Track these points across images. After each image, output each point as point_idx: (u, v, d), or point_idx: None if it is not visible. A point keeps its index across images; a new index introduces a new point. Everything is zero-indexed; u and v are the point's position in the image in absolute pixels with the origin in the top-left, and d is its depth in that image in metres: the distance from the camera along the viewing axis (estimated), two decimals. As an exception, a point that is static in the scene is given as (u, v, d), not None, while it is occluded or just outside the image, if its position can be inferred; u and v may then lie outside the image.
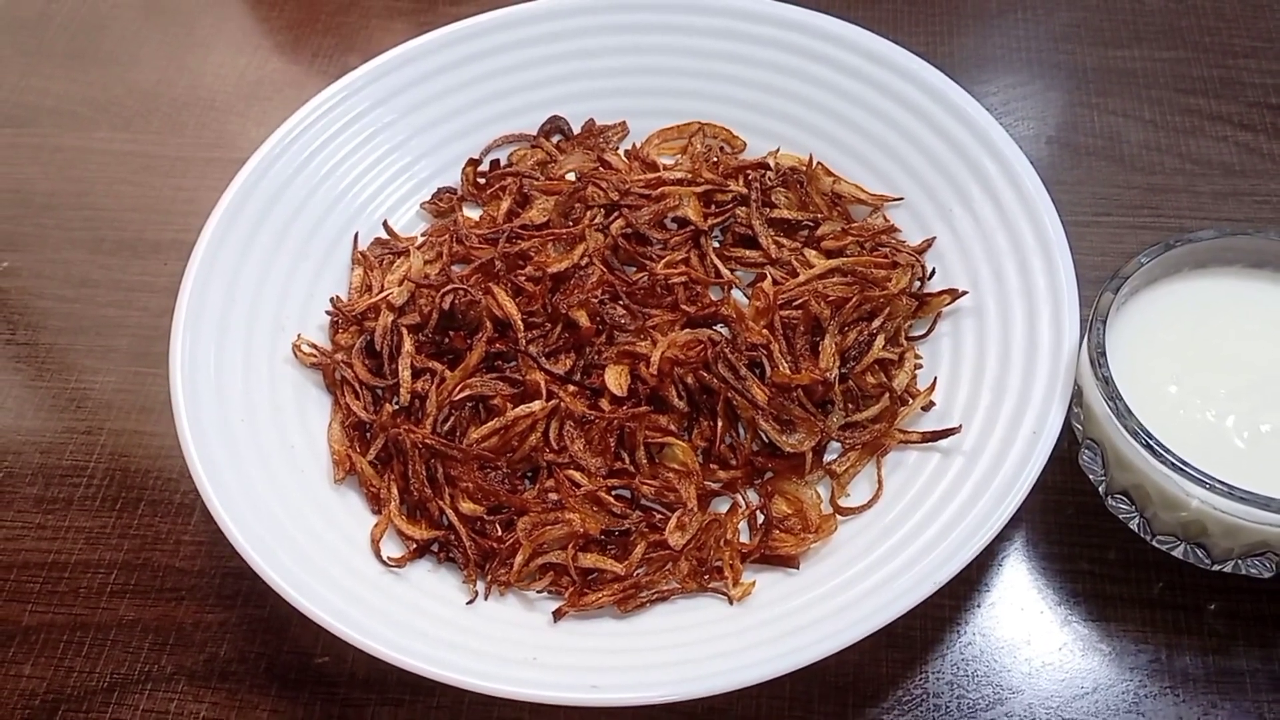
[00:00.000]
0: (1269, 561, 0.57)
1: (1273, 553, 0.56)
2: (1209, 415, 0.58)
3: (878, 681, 0.59)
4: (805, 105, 0.77)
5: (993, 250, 0.69)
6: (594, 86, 0.80)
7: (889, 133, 0.75)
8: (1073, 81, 0.83)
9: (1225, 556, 0.58)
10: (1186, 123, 0.80)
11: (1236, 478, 0.55)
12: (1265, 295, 0.62)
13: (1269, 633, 0.59)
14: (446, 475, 0.63)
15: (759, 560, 0.61)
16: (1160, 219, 0.75)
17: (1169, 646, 0.59)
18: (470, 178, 0.77)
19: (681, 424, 0.65)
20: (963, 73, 0.83)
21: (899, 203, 0.73)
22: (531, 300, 0.68)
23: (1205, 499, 0.54)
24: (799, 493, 0.63)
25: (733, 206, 0.73)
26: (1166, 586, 0.61)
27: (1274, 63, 0.83)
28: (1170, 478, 0.55)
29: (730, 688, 0.53)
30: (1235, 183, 0.76)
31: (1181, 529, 0.58)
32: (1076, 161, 0.79)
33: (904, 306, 0.68)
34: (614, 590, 0.59)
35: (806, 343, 0.67)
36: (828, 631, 0.55)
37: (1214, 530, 0.56)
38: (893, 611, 0.55)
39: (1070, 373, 0.61)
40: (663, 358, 0.65)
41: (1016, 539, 0.63)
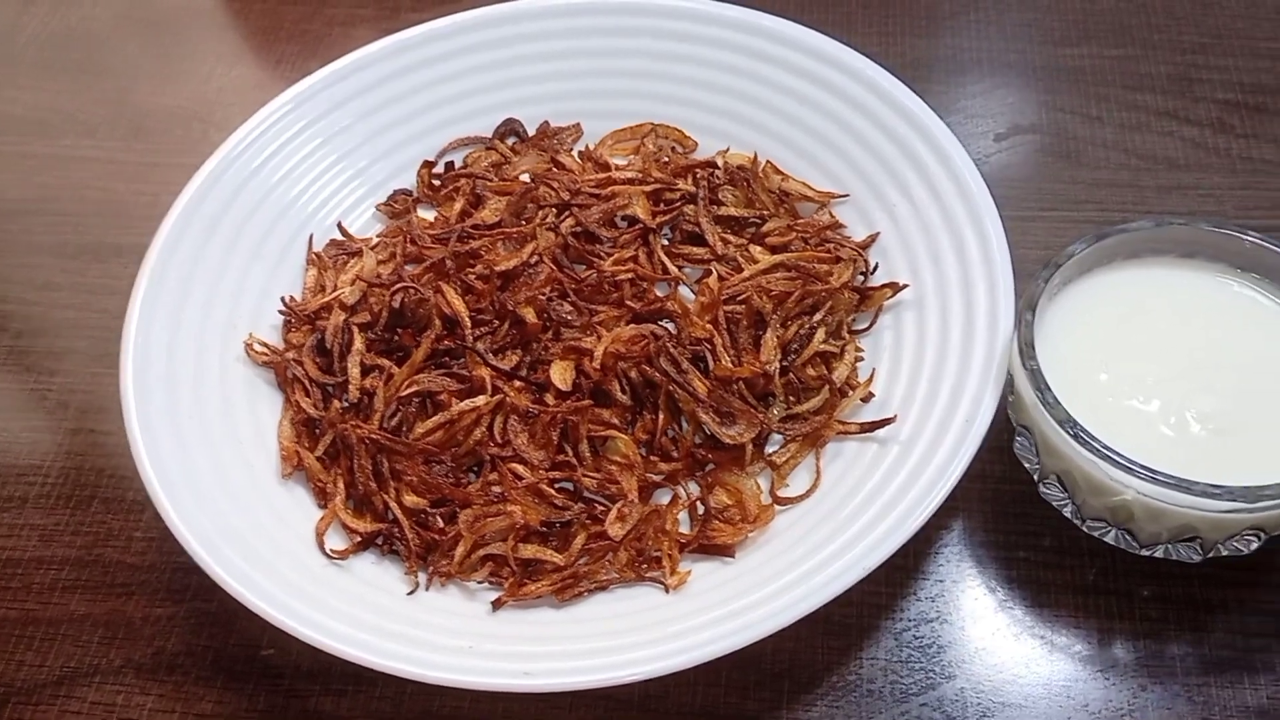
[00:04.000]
0: (1197, 546, 0.58)
1: (1199, 537, 0.57)
2: (1138, 402, 0.59)
3: (813, 668, 0.59)
4: (755, 105, 0.78)
5: (934, 244, 0.70)
6: (549, 90, 0.81)
7: (836, 131, 0.76)
8: (1022, 80, 0.84)
9: (1153, 541, 0.58)
10: (1133, 119, 0.81)
11: (1162, 463, 0.55)
12: (1196, 284, 0.63)
13: (1200, 617, 0.60)
14: (392, 469, 0.64)
15: (697, 550, 0.62)
16: (1104, 213, 0.76)
17: (1101, 631, 0.60)
18: (425, 180, 0.79)
19: (625, 417, 0.66)
20: (915, 72, 0.84)
21: (845, 199, 0.74)
22: (480, 298, 0.69)
23: (1128, 484, 0.55)
24: (739, 484, 0.64)
25: (681, 205, 0.74)
26: (1100, 572, 0.61)
27: (1222, 58, 0.84)
28: (1095, 464, 0.55)
29: (659, 673, 0.54)
30: (1179, 177, 0.77)
31: (1110, 514, 0.58)
32: (1024, 158, 0.80)
33: (846, 300, 0.69)
34: (553, 580, 0.60)
35: (750, 337, 0.68)
36: (757, 618, 0.56)
37: (1140, 515, 0.57)
38: (821, 597, 0.56)
39: (1004, 362, 0.62)
40: (606, 352, 0.66)
41: (955, 527, 0.64)
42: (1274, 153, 0.78)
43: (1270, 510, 0.54)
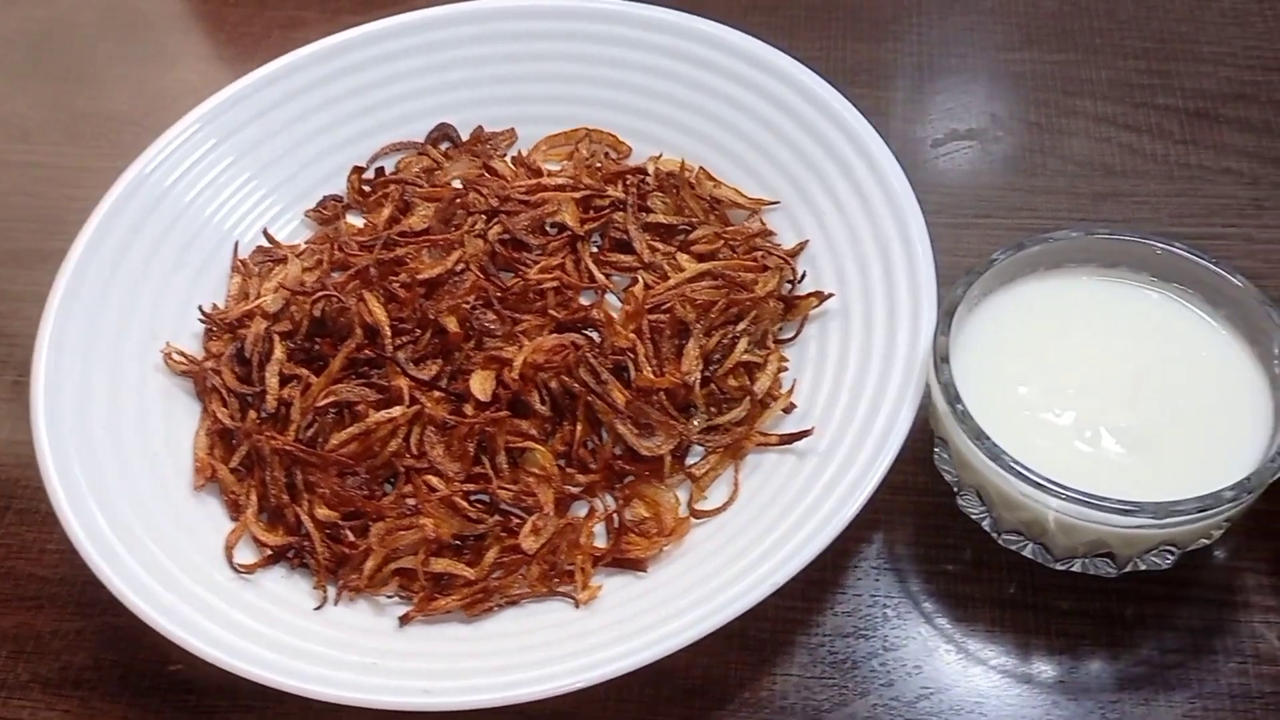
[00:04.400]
0: (1111, 561, 0.57)
1: (1113, 553, 0.56)
2: (1054, 416, 0.58)
3: (726, 684, 0.59)
4: (689, 110, 0.77)
5: (860, 253, 0.69)
6: (483, 94, 0.81)
7: (768, 137, 0.75)
8: (962, 85, 0.83)
9: (1068, 555, 0.58)
10: (1071, 124, 0.80)
11: (1076, 478, 0.55)
12: (1118, 295, 0.62)
13: (1117, 632, 0.59)
14: (306, 482, 0.63)
15: (611, 564, 0.61)
16: (1038, 220, 0.75)
17: (1018, 646, 0.59)
18: (355, 185, 0.78)
19: (544, 429, 0.65)
20: (855, 77, 0.84)
21: (776, 206, 0.74)
22: (403, 307, 0.68)
23: (1039, 499, 0.54)
24: (658, 496, 0.64)
25: (610, 211, 0.73)
26: (1020, 586, 0.61)
27: (1163, 63, 0.83)
28: (1006, 479, 0.55)
29: (561, 690, 0.53)
30: (1116, 184, 0.77)
31: (1025, 528, 0.58)
32: (961, 164, 0.79)
33: (771, 310, 0.68)
34: (463, 595, 0.59)
35: (673, 347, 0.67)
36: (665, 634, 0.55)
37: (1053, 530, 0.56)
38: (729, 614, 0.55)
39: (924, 373, 0.61)
40: (526, 362, 0.65)
41: (875, 540, 0.63)
42: (1212, 159, 0.77)
43: (1180, 527, 0.54)
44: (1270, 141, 0.77)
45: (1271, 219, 0.74)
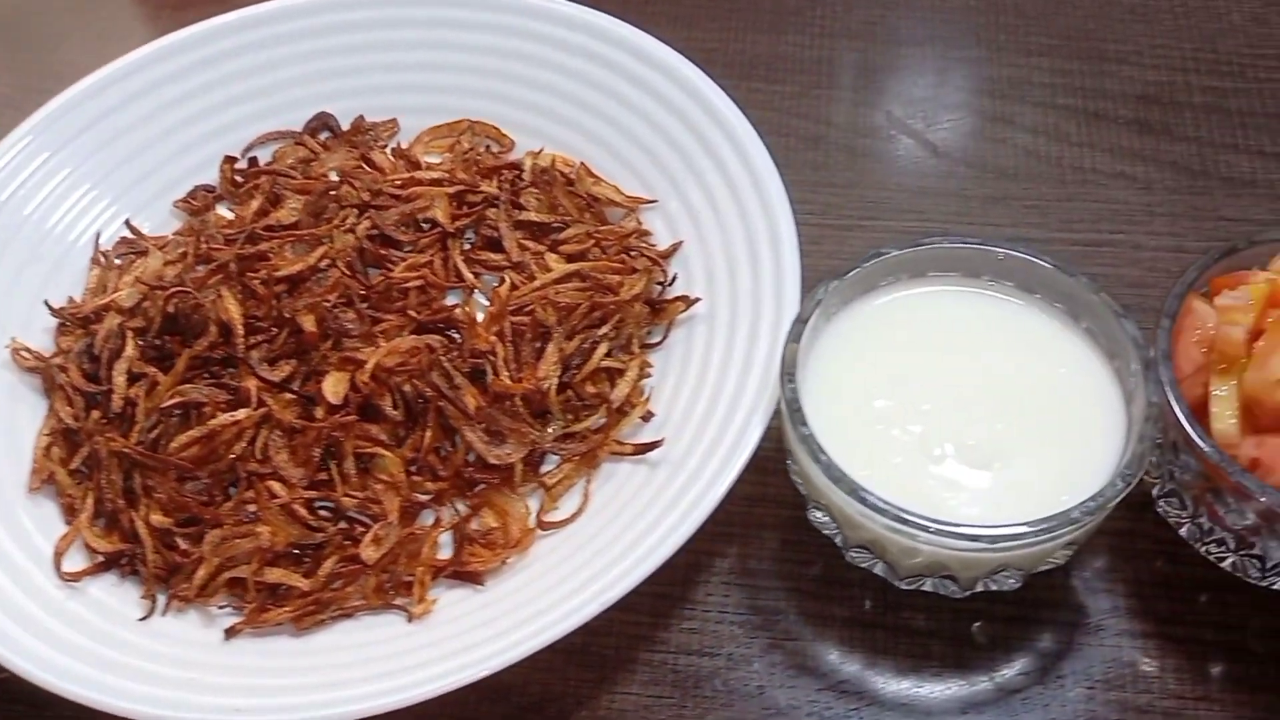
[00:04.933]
0: (954, 583, 0.55)
1: (953, 575, 0.55)
2: (908, 430, 0.56)
3: (564, 701, 0.57)
4: (572, 104, 0.75)
5: (732, 255, 0.67)
6: (366, 83, 0.78)
7: (649, 133, 0.73)
8: (861, 81, 0.81)
9: (913, 574, 0.56)
10: (967, 124, 0.78)
11: (924, 495, 0.53)
12: (980, 305, 0.60)
13: (966, 653, 0.57)
14: (144, 486, 0.61)
15: (452, 576, 0.59)
16: (926, 223, 0.73)
17: (864, 666, 0.57)
18: (228, 175, 0.76)
19: (395, 434, 0.63)
20: (751, 71, 0.82)
21: (653, 205, 0.71)
22: (261, 304, 0.66)
23: (875, 519, 0.52)
24: (508, 505, 0.62)
25: (483, 208, 0.71)
26: (873, 604, 0.59)
27: (1067, 62, 0.81)
28: (844, 497, 0.53)
29: (376, 710, 0.52)
30: (1008, 187, 0.75)
31: (869, 546, 0.56)
32: (851, 163, 0.77)
33: (636, 313, 0.66)
34: (295, 607, 0.57)
35: (534, 350, 0.65)
36: (491, 651, 0.53)
37: (892, 550, 0.54)
38: (559, 630, 0.53)
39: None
40: (379, 365, 0.63)
41: (730, 554, 0.61)
42: (1107, 162, 0.75)
43: (1016, 551, 0.52)
44: (1168, 145, 0.76)
45: (1162, 225, 0.72)
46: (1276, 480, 0.51)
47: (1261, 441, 0.51)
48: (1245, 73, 0.79)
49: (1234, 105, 0.77)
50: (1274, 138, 0.75)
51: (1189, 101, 0.78)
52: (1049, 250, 0.70)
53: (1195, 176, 0.74)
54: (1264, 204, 0.72)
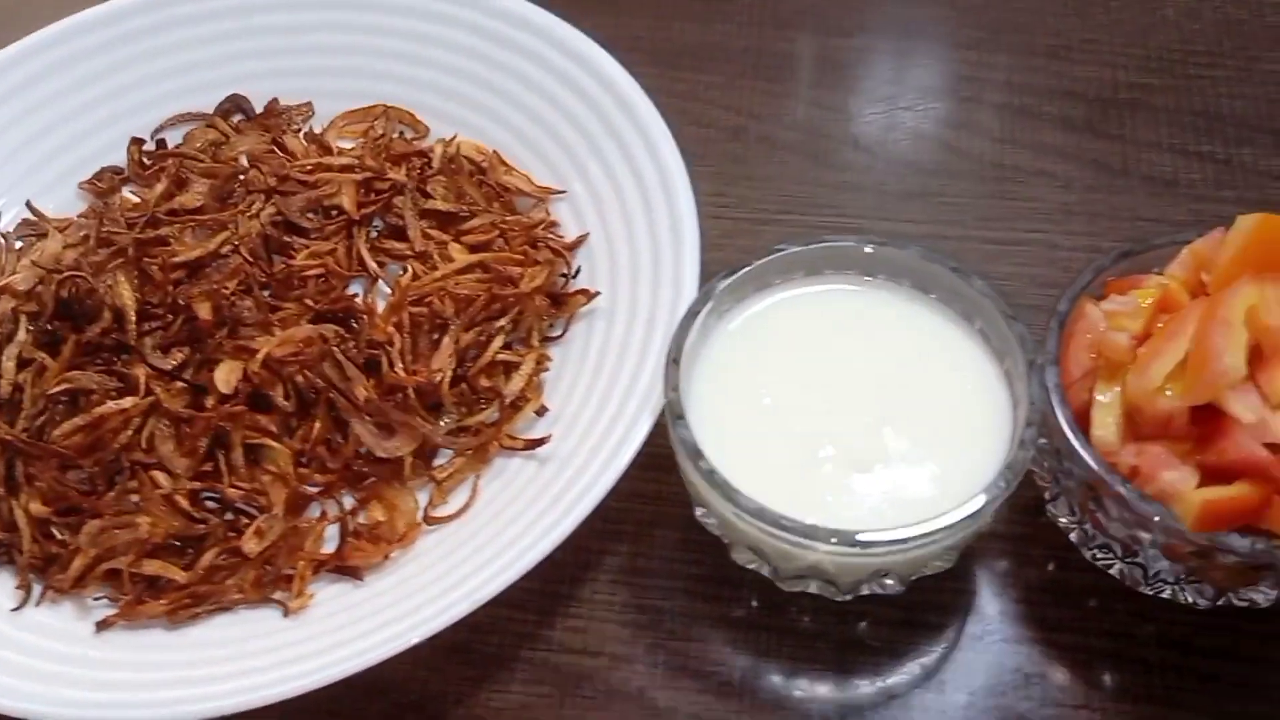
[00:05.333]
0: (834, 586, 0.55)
1: (828, 579, 0.54)
2: (794, 430, 0.55)
3: (443, 700, 0.56)
4: (488, 90, 0.74)
5: (635, 248, 0.66)
6: (282, 65, 0.77)
7: (562, 122, 0.72)
8: (786, 71, 0.80)
9: (794, 576, 0.55)
10: (891, 118, 0.77)
11: (806, 497, 0.53)
12: (875, 304, 0.59)
13: (848, 657, 0.57)
14: (27, 474, 0.60)
15: (334, 570, 0.58)
16: (843, 219, 0.72)
17: (747, 667, 0.57)
18: (136, 157, 0.74)
19: (286, 425, 0.62)
20: (677, 59, 0.81)
21: (562, 195, 0.70)
22: (158, 289, 0.65)
23: (749, 521, 0.51)
24: (397, 499, 0.61)
25: (390, 196, 0.70)
26: (759, 605, 0.58)
27: (993, 55, 0.80)
28: (719, 499, 0.52)
29: (246, 706, 0.51)
30: (926, 183, 0.74)
31: (750, 546, 0.55)
32: (771, 155, 0.76)
33: (536, 306, 0.65)
34: (171, 600, 0.57)
35: (432, 342, 0.64)
36: (362, 647, 0.53)
37: (769, 552, 0.54)
38: (434, 626, 0.53)
39: (673, 381, 0.59)
40: (272, 354, 0.62)
41: (620, 551, 0.61)
42: (1028, 159, 0.74)
43: (890, 557, 0.51)
44: (1090, 142, 0.74)
45: (1079, 225, 0.71)
46: (1155, 489, 0.50)
47: (1141, 450, 0.51)
48: (1174, 69, 0.78)
49: (1161, 103, 0.76)
50: (1199, 137, 0.74)
51: (1115, 98, 0.77)
52: (965, 248, 0.71)
53: (1116, 175, 0.73)
54: (1184, 205, 0.71)
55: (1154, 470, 0.50)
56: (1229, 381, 0.49)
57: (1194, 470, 0.49)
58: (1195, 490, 0.49)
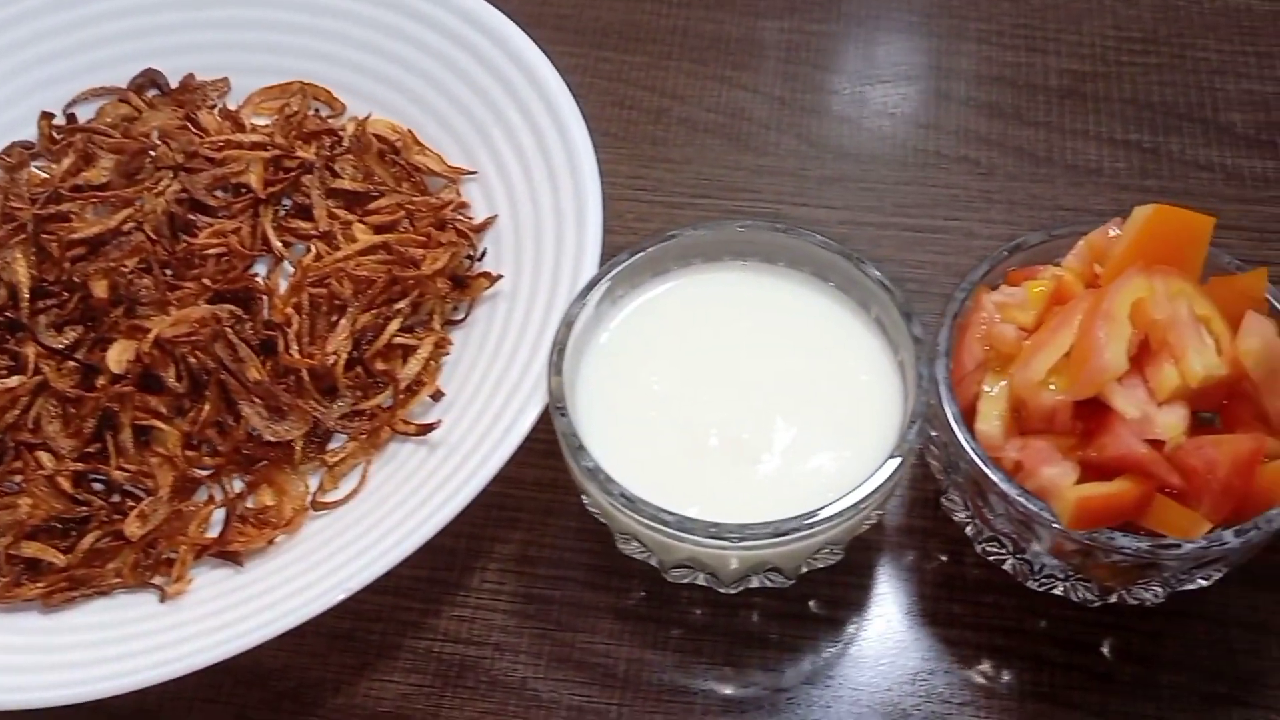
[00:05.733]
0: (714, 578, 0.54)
1: (710, 571, 0.53)
2: (683, 418, 0.54)
3: (321, 688, 0.56)
4: (404, 68, 0.73)
5: (540, 232, 0.65)
6: (199, 39, 0.75)
7: (476, 102, 0.70)
8: (713, 53, 0.78)
9: (677, 566, 0.54)
10: (815, 101, 0.76)
11: (693, 488, 0.52)
12: (772, 293, 0.58)
13: (736, 651, 0.56)
14: (-91, 454, 0.60)
15: (216, 555, 0.57)
16: (759, 203, 0.71)
17: (630, 661, 0.56)
18: (46, 132, 0.73)
19: (177, 406, 0.61)
20: (606, 39, 0.79)
21: (474, 176, 0.69)
22: (57, 266, 0.64)
23: (625, 511, 0.51)
24: (287, 483, 0.60)
25: (298, 174, 0.69)
26: (646, 597, 0.58)
27: (925, 40, 0.78)
28: (597, 490, 0.51)
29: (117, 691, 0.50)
30: (846, 168, 0.72)
31: (633, 537, 0.54)
32: (692, 139, 0.74)
33: (437, 288, 0.64)
34: (48, 582, 0.56)
35: (329, 324, 0.63)
36: (233, 634, 0.52)
37: (649, 543, 0.53)
38: (301, 615, 0.52)
39: (566, 367, 0.58)
40: (164, 334, 0.61)
41: (513, 539, 0.60)
42: (951, 145, 0.73)
43: (766, 551, 0.50)
44: (1017, 129, 0.73)
45: (998, 213, 0.70)
46: (1035, 485, 0.49)
47: (1025, 444, 0.50)
48: (1106, 56, 0.76)
49: (1090, 90, 0.75)
50: (1126, 125, 0.73)
51: (1044, 84, 0.75)
52: (881, 234, 0.70)
53: (1039, 163, 0.72)
54: (1106, 193, 0.70)
55: (1035, 465, 0.49)
56: (1109, 377, 0.47)
57: (1075, 466, 0.48)
58: (1072, 487, 0.48)
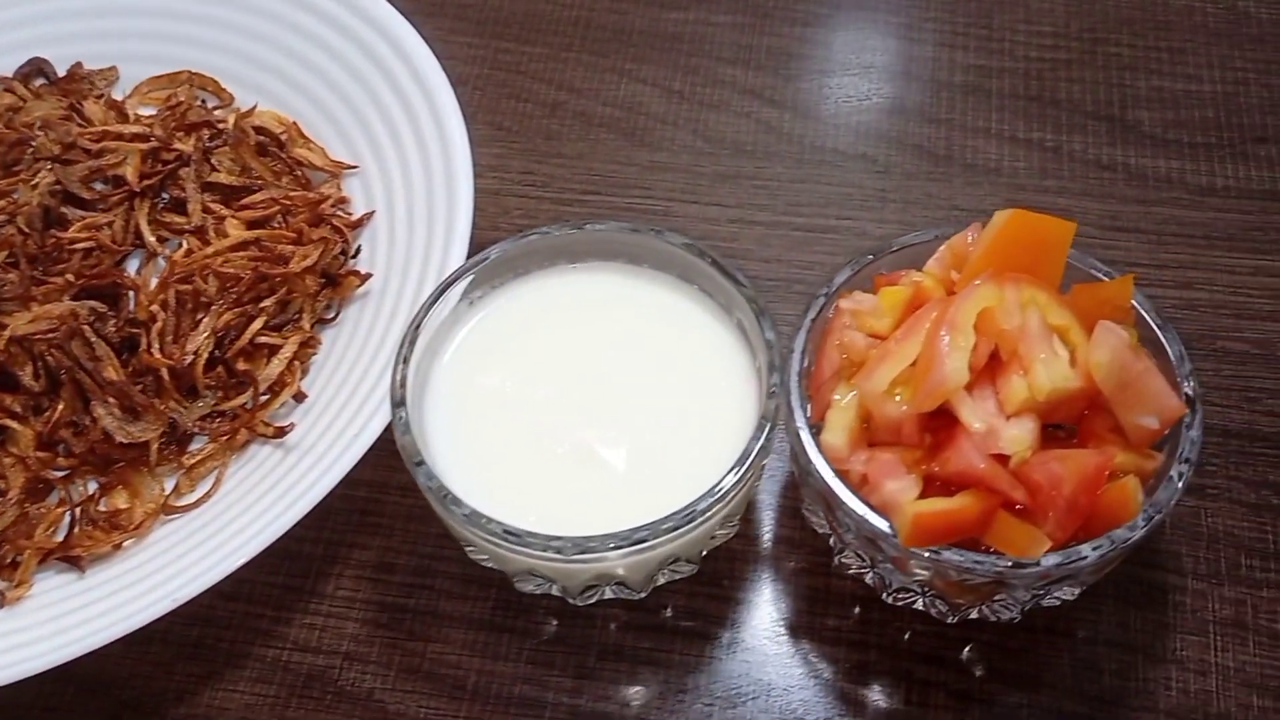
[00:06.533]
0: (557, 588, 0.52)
1: (552, 581, 0.52)
2: (534, 424, 0.53)
3: (164, 697, 0.54)
4: (293, 60, 0.71)
5: (414, 230, 0.63)
6: (89, 27, 0.74)
7: (362, 97, 0.69)
8: (614, 45, 0.76)
9: (518, 576, 0.53)
10: (715, 95, 0.74)
11: (540, 497, 0.50)
12: (634, 296, 0.56)
13: (588, 663, 0.54)
14: None
15: (60, 559, 0.56)
16: (649, 200, 0.69)
17: (480, 672, 0.54)
18: (-75, 122, 0.72)
19: (38, 405, 0.60)
20: (507, 30, 0.78)
21: (356, 171, 0.68)
22: (-81, 260, 0.63)
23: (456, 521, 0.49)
24: (142, 486, 0.59)
25: (175, 167, 0.67)
26: (502, 607, 0.56)
27: (830, 32, 0.76)
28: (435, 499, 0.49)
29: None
30: (741, 164, 0.70)
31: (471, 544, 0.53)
32: (586, 133, 0.73)
33: (306, 286, 0.63)
34: (-116, 586, 0.55)
35: (195, 322, 0.61)
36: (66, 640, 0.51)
37: (490, 553, 0.51)
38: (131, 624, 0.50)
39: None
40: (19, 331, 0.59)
41: (373, 546, 0.58)
42: (849, 142, 0.71)
43: (600, 565, 0.49)
44: (917, 126, 0.71)
45: (892, 213, 0.68)
46: (879, 499, 0.47)
47: (871, 457, 0.48)
48: (1015, 51, 0.74)
49: (995, 86, 0.73)
50: (1030, 123, 0.71)
51: (949, 80, 0.73)
52: (771, 234, 0.68)
53: (938, 161, 0.70)
54: (1002, 193, 0.68)
55: (879, 479, 0.47)
56: (950, 388, 0.46)
57: (918, 480, 0.47)
58: (912, 502, 0.46)
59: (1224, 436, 0.59)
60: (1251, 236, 0.66)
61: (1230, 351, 0.62)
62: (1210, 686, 0.53)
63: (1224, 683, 0.53)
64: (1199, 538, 0.56)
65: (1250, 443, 0.59)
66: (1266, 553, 0.56)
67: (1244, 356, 0.62)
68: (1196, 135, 0.70)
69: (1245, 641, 0.54)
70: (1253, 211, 0.67)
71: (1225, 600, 0.55)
